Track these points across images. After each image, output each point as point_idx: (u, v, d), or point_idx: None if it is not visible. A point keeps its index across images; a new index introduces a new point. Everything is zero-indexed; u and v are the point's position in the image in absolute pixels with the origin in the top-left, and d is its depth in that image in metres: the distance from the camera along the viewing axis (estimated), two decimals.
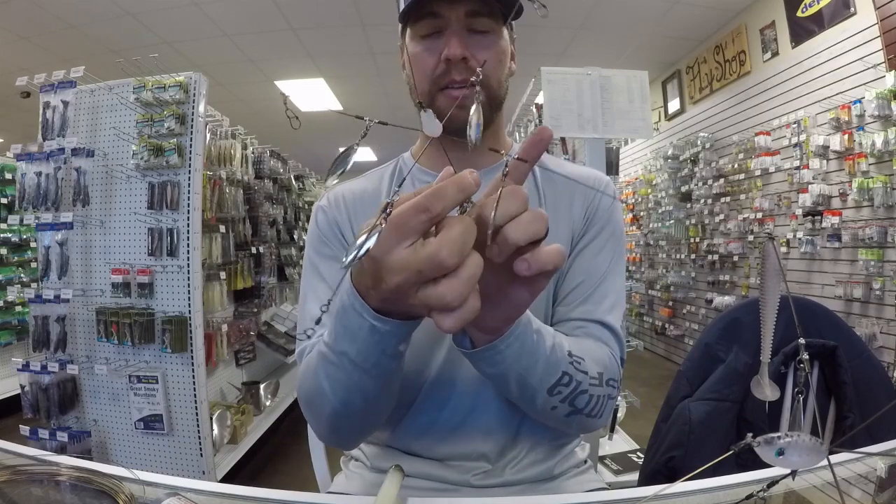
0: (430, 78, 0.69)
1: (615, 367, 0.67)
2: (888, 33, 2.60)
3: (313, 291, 0.75)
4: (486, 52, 0.69)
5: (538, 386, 0.57)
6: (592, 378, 0.61)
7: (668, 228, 4.76)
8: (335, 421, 0.60)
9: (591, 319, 0.71)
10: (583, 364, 0.60)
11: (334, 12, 3.66)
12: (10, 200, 3.76)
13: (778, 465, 0.47)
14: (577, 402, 0.60)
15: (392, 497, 0.56)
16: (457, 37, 0.67)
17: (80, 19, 3.64)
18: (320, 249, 0.77)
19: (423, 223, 0.38)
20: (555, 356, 0.57)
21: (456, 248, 0.37)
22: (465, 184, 0.38)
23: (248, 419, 2.81)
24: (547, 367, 0.57)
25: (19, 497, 0.58)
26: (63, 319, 2.17)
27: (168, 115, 2.13)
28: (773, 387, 0.66)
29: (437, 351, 0.74)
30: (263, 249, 3.19)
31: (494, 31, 0.70)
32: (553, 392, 0.58)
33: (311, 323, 0.73)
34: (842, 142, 2.81)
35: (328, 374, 0.54)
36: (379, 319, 0.45)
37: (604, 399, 0.63)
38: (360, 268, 0.44)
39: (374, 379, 0.52)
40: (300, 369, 0.66)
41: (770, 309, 0.59)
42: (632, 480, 2.01)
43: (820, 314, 1.02)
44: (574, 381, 0.59)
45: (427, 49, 0.70)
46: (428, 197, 0.37)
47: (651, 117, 2.32)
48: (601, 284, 0.73)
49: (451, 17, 0.67)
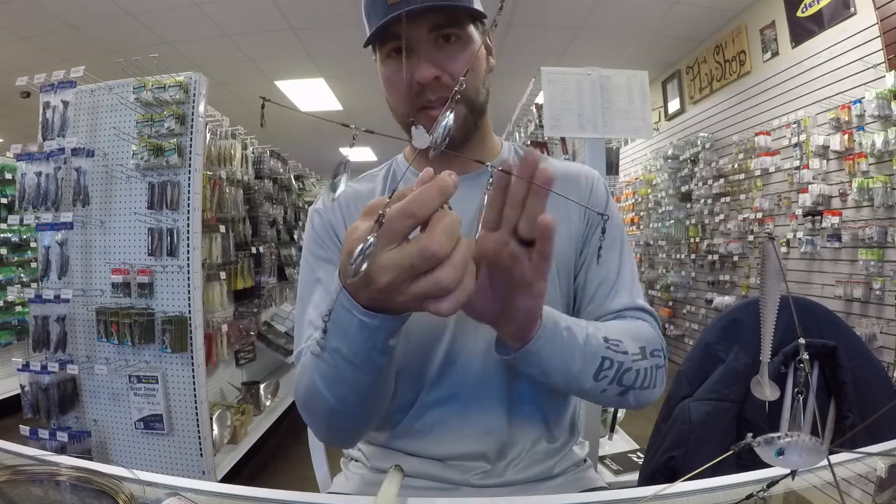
0: (405, 100, 0.69)
1: (656, 337, 0.71)
2: (888, 33, 2.60)
3: (310, 294, 0.75)
4: (457, 62, 0.68)
5: (582, 375, 0.61)
6: (634, 354, 0.64)
7: (668, 228, 4.76)
8: (332, 419, 0.61)
9: (624, 308, 0.74)
10: (621, 345, 0.64)
11: (334, 12, 3.66)
12: (10, 200, 3.76)
13: (778, 465, 0.47)
14: (624, 380, 0.63)
15: (392, 497, 0.56)
16: (425, 57, 0.67)
17: (80, 19, 3.64)
18: (317, 252, 0.78)
19: (409, 227, 0.41)
20: (590, 346, 0.61)
21: (445, 240, 0.40)
22: (445, 186, 0.41)
23: (248, 419, 2.81)
24: (585, 357, 0.61)
25: (19, 497, 0.58)
26: (63, 319, 2.17)
27: (168, 115, 2.13)
28: (773, 387, 0.66)
29: (436, 351, 0.74)
30: (263, 249, 3.19)
31: (462, 38, 0.69)
32: (598, 377, 0.62)
33: (307, 326, 0.73)
34: (842, 142, 2.81)
35: (321, 372, 0.55)
36: (368, 315, 0.47)
37: (652, 370, 0.66)
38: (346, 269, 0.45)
39: (366, 374, 0.53)
40: (297, 371, 0.67)
41: (770, 309, 0.59)
42: (632, 480, 2.01)
43: (820, 314, 1.02)
44: (615, 362, 0.62)
45: (397, 71, 0.69)
46: (412, 203, 0.40)
47: (651, 117, 2.32)
48: (620, 274, 0.77)
49: (416, 37, 0.66)
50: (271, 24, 3.87)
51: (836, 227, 2.88)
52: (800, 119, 3.15)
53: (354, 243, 0.41)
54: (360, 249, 0.38)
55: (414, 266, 0.40)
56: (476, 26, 0.72)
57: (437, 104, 0.68)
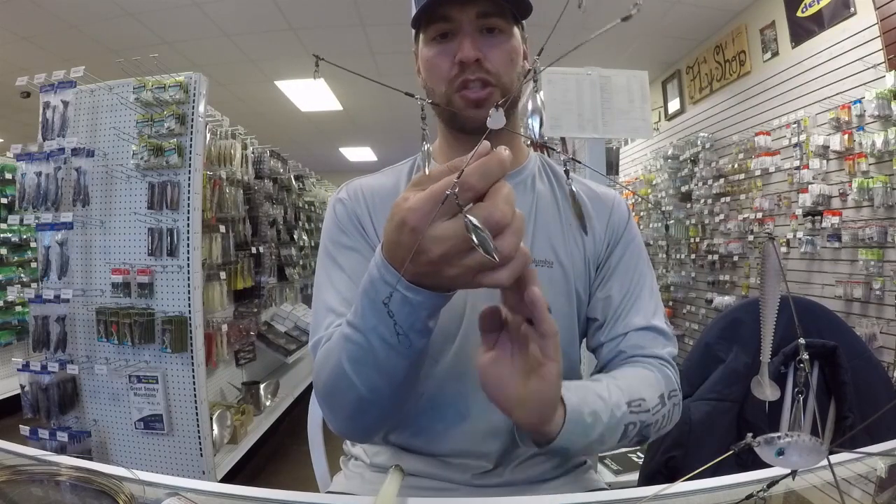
0: (445, 81, 0.70)
1: (671, 376, 0.72)
2: (888, 33, 2.59)
3: (331, 282, 0.73)
4: (499, 51, 0.70)
5: (604, 446, 0.62)
6: (655, 406, 0.65)
7: (669, 229, 4.76)
8: (359, 409, 0.59)
9: (642, 327, 0.74)
10: (643, 404, 0.64)
11: (334, 12, 3.65)
12: (10, 200, 3.76)
13: (778, 465, 0.47)
14: (644, 433, 0.65)
15: (392, 497, 0.56)
16: (469, 39, 0.68)
17: (80, 19, 3.64)
18: (339, 239, 0.76)
19: (469, 199, 0.41)
20: (614, 419, 0.61)
21: (508, 208, 0.40)
22: (504, 159, 0.41)
23: (248, 419, 2.81)
24: (610, 432, 0.60)
25: (19, 497, 0.58)
26: (63, 319, 2.17)
27: (168, 115, 2.13)
28: (773, 387, 0.65)
29: (446, 349, 0.74)
30: (263, 249, 3.19)
31: (505, 31, 0.71)
32: (621, 440, 0.63)
33: (327, 313, 0.70)
34: (842, 142, 2.81)
35: (352, 356, 0.54)
36: (412, 290, 0.46)
37: (669, 413, 0.68)
38: (395, 241, 0.45)
39: (401, 357, 0.52)
40: (316, 360, 0.64)
41: (770, 309, 0.59)
42: (632, 480, 2.00)
43: (820, 314, 1.02)
44: (639, 423, 0.63)
45: (440, 52, 0.70)
46: (473, 176, 0.40)
47: (651, 117, 2.32)
48: (640, 293, 0.77)
49: (463, 20, 0.68)
50: (271, 25, 3.87)
51: (836, 227, 2.87)
52: (800, 119, 3.15)
53: (406, 213, 0.41)
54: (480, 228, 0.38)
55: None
56: (519, 27, 0.74)
57: (475, 85, 0.69)
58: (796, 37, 3.28)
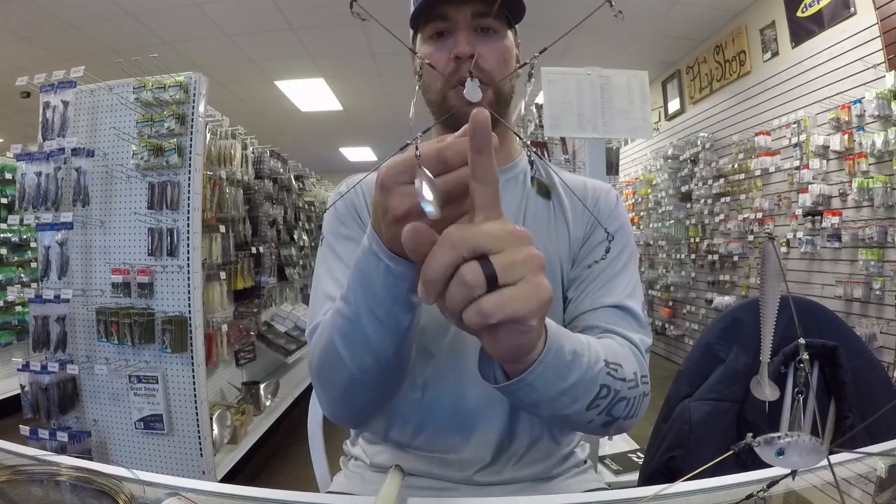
0: (441, 77, 0.72)
1: (643, 362, 0.67)
2: (888, 33, 2.60)
3: (329, 271, 0.74)
4: (493, 50, 0.72)
5: (575, 405, 0.55)
6: (630, 381, 0.60)
7: (669, 228, 4.76)
8: (350, 388, 0.60)
9: (613, 305, 0.71)
10: (620, 371, 0.59)
11: (334, 12, 3.65)
12: (10, 200, 3.75)
13: (778, 465, 0.47)
14: (614, 411, 0.58)
15: (392, 497, 0.56)
16: (465, 35, 0.70)
17: (80, 19, 3.64)
18: (338, 230, 0.78)
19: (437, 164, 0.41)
20: (591, 372, 0.55)
21: (454, 149, 0.41)
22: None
23: (248, 419, 2.81)
24: (584, 385, 0.55)
25: (19, 497, 0.58)
26: (63, 319, 2.17)
27: (168, 115, 2.13)
28: (773, 387, 0.66)
29: (439, 346, 0.74)
30: (263, 249, 3.19)
31: (500, 32, 0.74)
32: (590, 407, 0.56)
33: (323, 300, 0.71)
34: (842, 142, 2.81)
35: (343, 332, 0.56)
36: (393, 259, 0.48)
37: (639, 398, 0.62)
38: (374, 204, 0.47)
39: (389, 334, 0.54)
40: (311, 344, 0.66)
41: (770, 309, 0.59)
42: (632, 480, 2.01)
43: (820, 314, 1.02)
44: (612, 390, 0.57)
45: (437, 50, 0.73)
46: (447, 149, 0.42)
47: (651, 117, 2.32)
48: (619, 274, 0.75)
49: (459, 18, 0.71)
50: (271, 25, 3.87)
51: (836, 227, 2.88)
52: (800, 119, 3.15)
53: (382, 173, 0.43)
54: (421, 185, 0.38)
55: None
56: (513, 31, 0.76)
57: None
58: (796, 37, 3.28)
